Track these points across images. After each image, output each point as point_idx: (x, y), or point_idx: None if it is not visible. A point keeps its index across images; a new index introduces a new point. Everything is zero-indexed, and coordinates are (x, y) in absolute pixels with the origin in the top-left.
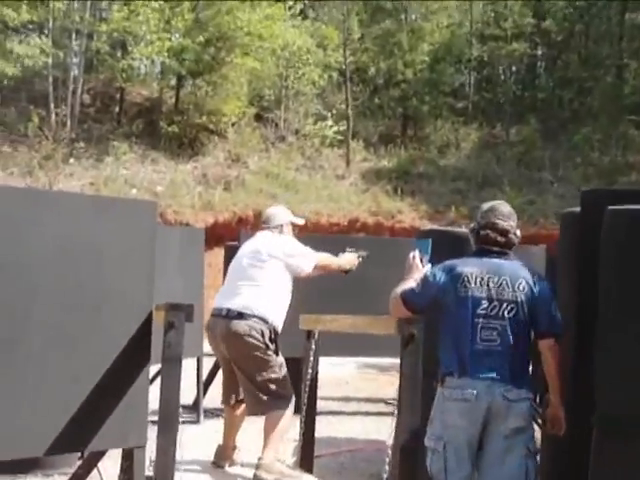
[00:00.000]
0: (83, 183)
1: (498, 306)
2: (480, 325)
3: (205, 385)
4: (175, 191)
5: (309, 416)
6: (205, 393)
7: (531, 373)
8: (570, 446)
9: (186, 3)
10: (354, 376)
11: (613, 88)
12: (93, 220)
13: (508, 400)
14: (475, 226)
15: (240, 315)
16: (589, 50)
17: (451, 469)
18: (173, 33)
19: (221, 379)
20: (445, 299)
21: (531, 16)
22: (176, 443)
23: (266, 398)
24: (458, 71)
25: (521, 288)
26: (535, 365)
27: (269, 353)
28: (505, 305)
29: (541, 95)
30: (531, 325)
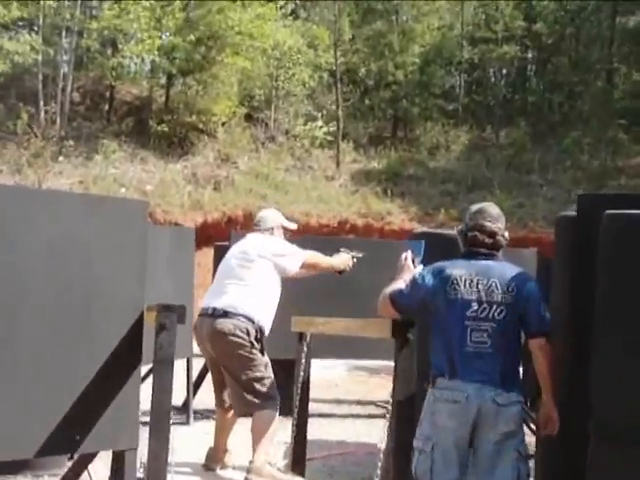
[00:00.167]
0: (72, 181)
1: (488, 308)
2: (470, 327)
3: (195, 386)
4: (164, 190)
5: (301, 418)
6: (195, 394)
7: (521, 375)
8: (565, 450)
9: (177, 2)
10: (344, 378)
11: (603, 92)
12: (83, 219)
13: (498, 404)
14: (463, 228)
15: (225, 314)
16: (579, 54)
17: (437, 471)
18: (164, 32)
19: (210, 380)
20: (434, 301)
21: (522, 19)
22: (168, 446)
23: (252, 398)
24: (449, 73)
25: (510, 289)
26: (525, 366)
27: (254, 352)
28: (495, 307)
29: (531, 98)
30: (521, 326)
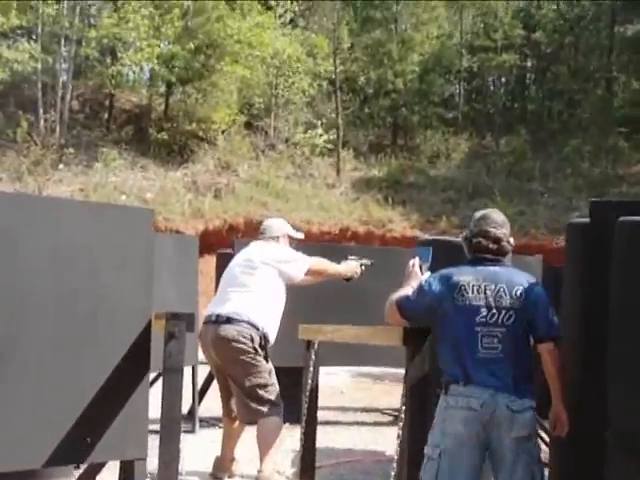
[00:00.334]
0: (72, 189)
1: (497, 314)
2: (481, 333)
3: (200, 394)
4: (165, 198)
5: (309, 426)
6: (200, 402)
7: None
8: (578, 456)
9: (176, 10)
10: (349, 385)
11: (603, 100)
12: (89, 227)
13: (512, 411)
14: (468, 234)
15: (229, 320)
16: (579, 62)
17: (442, 478)
18: (163, 40)
19: (216, 388)
20: (441, 308)
21: (521, 28)
22: (179, 455)
23: (256, 405)
24: (448, 81)
25: (518, 295)
26: (535, 369)
27: (258, 358)
28: (504, 312)
29: (531, 106)
30: (530, 331)
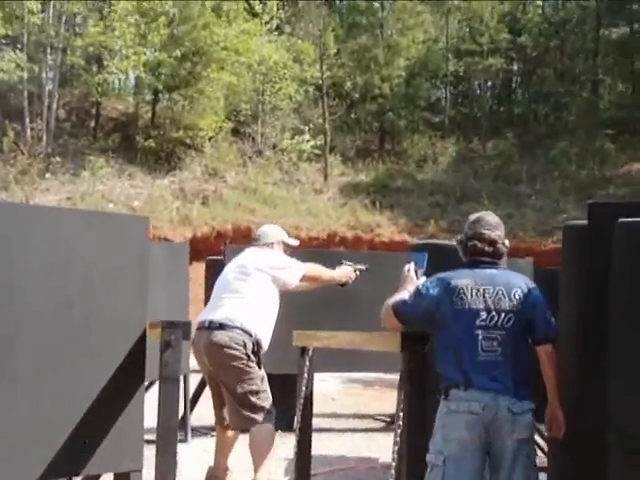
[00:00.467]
0: (60, 198)
1: (497, 316)
2: (481, 336)
3: (192, 402)
4: (152, 206)
5: (304, 434)
6: (192, 411)
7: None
8: (576, 458)
9: (162, 18)
10: (340, 391)
11: (589, 103)
12: (85, 236)
13: (513, 413)
14: (462, 237)
15: (222, 326)
16: (564, 65)
17: None
18: (149, 47)
19: (208, 396)
20: (439, 312)
21: (507, 32)
22: (176, 466)
23: (248, 412)
24: (434, 86)
25: (517, 297)
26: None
27: (250, 365)
28: (503, 315)
29: (517, 110)
30: (528, 332)
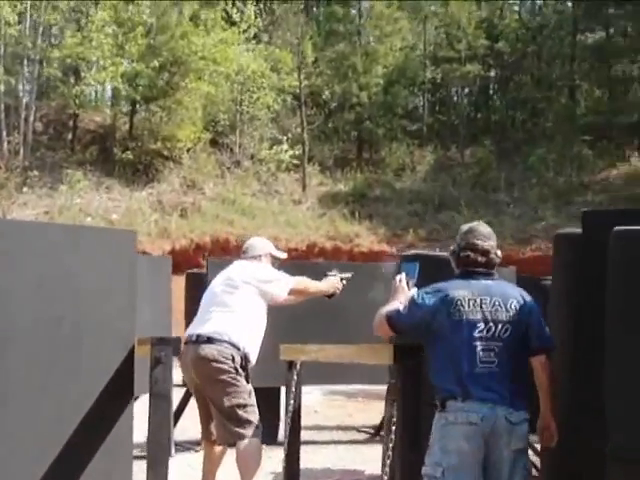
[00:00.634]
0: (37, 212)
1: (494, 327)
2: (479, 348)
3: (175, 416)
4: (131, 219)
5: (292, 447)
6: (175, 424)
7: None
8: (568, 468)
9: (139, 28)
10: (322, 404)
11: (566, 109)
12: (71, 251)
13: (511, 423)
14: (455, 248)
15: (209, 340)
16: (542, 71)
17: None
18: (126, 58)
19: (191, 411)
20: (436, 322)
21: (484, 38)
22: None
23: (234, 427)
24: (412, 93)
25: (513, 307)
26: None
27: (238, 378)
28: (500, 326)
29: (495, 117)
30: (524, 342)
